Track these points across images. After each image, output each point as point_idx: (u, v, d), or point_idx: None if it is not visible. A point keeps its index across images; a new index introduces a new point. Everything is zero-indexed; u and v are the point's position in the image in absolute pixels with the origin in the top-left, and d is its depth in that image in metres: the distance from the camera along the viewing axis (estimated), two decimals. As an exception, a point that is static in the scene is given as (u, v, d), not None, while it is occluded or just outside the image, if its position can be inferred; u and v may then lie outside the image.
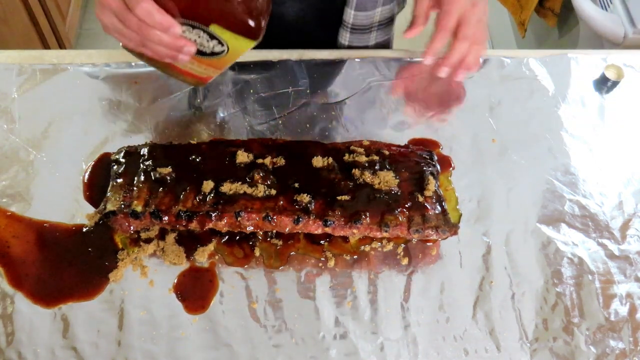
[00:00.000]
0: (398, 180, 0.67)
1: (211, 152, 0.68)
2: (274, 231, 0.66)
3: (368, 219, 0.64)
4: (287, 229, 0.64)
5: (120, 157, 0.68)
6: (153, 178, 0.65)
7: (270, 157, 0.68)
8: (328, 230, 0.64)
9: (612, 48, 1.39)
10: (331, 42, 0.88)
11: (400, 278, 0.65)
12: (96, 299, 0.61)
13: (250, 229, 0.64)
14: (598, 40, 1.46)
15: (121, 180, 0.66)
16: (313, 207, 0.64)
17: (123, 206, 0.63)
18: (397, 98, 0.82)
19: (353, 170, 0.67)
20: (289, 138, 0.75)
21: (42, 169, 0.70)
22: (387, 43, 0.92)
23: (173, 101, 0.78)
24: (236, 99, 0.79)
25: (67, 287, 0.62)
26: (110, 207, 0.63)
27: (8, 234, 0.65)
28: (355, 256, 0.66)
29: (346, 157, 0.69)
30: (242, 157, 0.67)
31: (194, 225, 0.63)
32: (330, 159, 0.68)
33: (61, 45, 1.79)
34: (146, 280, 0.63)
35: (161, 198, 0.64)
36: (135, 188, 0.65)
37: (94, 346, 0.59)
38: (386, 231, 0.64)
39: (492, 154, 0.76)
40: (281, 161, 0.68)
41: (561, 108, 0.82)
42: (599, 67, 0.87)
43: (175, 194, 0.64)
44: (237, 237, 0.66)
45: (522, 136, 0.79)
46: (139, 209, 0.63)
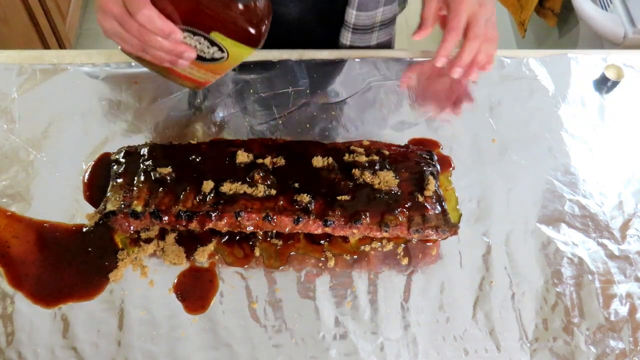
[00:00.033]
0: (398, 180, 0.67)
1: (211, 152, 0.68)
2: (274, 231, 0.66)
3: (368, 219, 0.64)
4: (287, 229, 0.64)
5: (120, 157, 0.68)
6: (153, 178, 0.65)
7: (270, 157, 0.68)
8: (328, 230, 0.64)
9: (612, 48, 1.39)
10: (332, 42, 0.87)
11: (400, 278, 0.65)
12: (96, 299, 0.61)
13: (250, 229, 0.64)
14: (598, 40, 1.46)
15: (121, 180, 0.66)
16: (313, 207, 0.64)
17: (123, 206, 0.63)
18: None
19: (353, 170, 0.67)
20: (289, 138, 0.75)
21: (42, 169, 0.70)
22: (389, 43, 0.92)
23: (173, 101, 0.78)
24: (236, 99, 0.79)
25: (67, 287, 0.62)
26: (110, 207, 0.63)
27: (8, 234, 0.65)
28: (355, 256, 0.66)
29: (346, 157, 0.69)
30: (242, 157, 0.67)
31: (194, 225, 0.63)
32: (330, 159, 0.68)
33: (61, 45, 1.79)
34: (146, 280, 0.63)
35: (161, 198, 0.64)
36: (135, 188, 0.65)
37: (94, 346, 0.59)
38: (386, 231, 0.64)
39: (492, 154, 0.76)
40: (281, 161, 0.68)
41: (561, 108, 0.82)
42: (599, 67, 0.87)
43: (175, 194, 0.64)
44: (237, 237, 0.66)
45: (522, 136, 0.79)
46: (139, 209, 0.63)
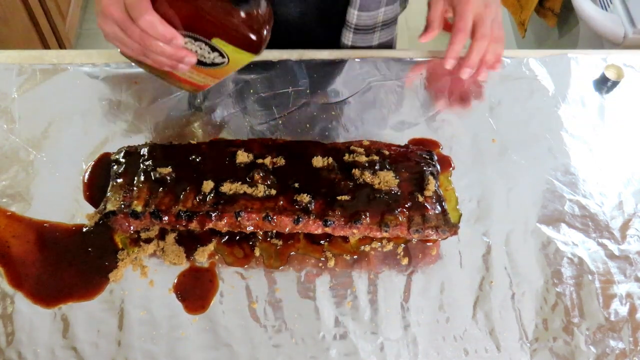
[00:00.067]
0: (398, 180, 0.67)
1: (211, 152, 0.68)
2: (274, 231, 0.66)
3: (368, 219, 0.64)
4: (287, 229, 0.64)
5: (120, 157, 0.68)
6: (153, 178, 0.65)
7: (270, 157, 0.68)
8: (328, 230, 0.64)
9: (612, 48, 1.39)
10: (332, 42, 0.87)
11: (400, 278, 0.65)
12: (96, 299, 0.61)
13: (250, 229, 0.64)
14: (598, 40, 1.46)
15: (121, 180, 0.66)
16: (313, 207, 0.64)
17: (123, 206, 0.63)
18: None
19: (353, 170, 0.67)
20: (289, 138, 0.75)
21: (42, 169, 0.70)
22: (391, 43, 0.92)
23: (173, 101, 0.78)
24: (236, 99, 0.79)
25: (67, 287, 0.62)
26: (110, 207, 0.63)
27: (8, 234, 0.65)
28: (355, 256, 0.66)
29: (346, 157, 0.69)
30: (242, 157, 0.67)
31: (194, 225, 0.63)
32: (330, 159, 0.68)
33: (61, 45, 1.79)
34: (146, 280, 0.63)
35: (161, 198, 0.64)
36: (135, 188, 0.65)
37: (94, 346, 0.59)
38: (386, 231, 0.64)
39: (492, 154, 0.76)
40: (281, 161, 0.68)
41: (561, 108, 0.82)
42: (599, 67, 0.87)
43: (175, 194, 0.64)
44: (237, 237, 0.66)
45: (522, 136, 0.79)
46: (139, 209, 0.63)
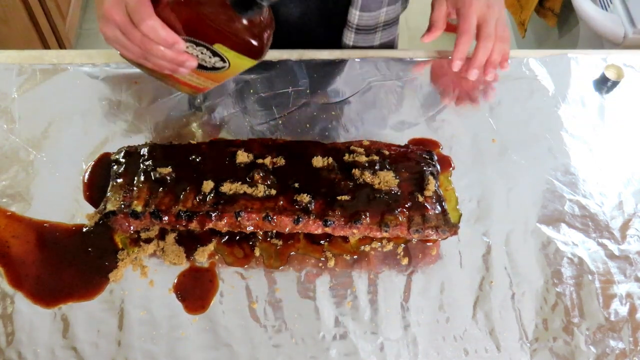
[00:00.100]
0: (398, 180, 0.67)
1: (211, 152, 0.68)
2: (274, 231, 0.66)
3: (368, 219, 0.64)
4: (287, 229, 0.64)
5: (120, 157, 0.68)
6: (153, 178, 0.65)
7: (270, 157, 0.68)
8: (328, 230, 0.64)
9: (612, 48, 1.39)
10: (332, 42, 0.87)
11: (400, 278, 0.65)
12: (96, 299, 0.61)
13: (250, 229, 0.64)
14: (598, 40, 1.46)
15: (121, 180, 0.66)
16: (313, 207, 0.64)
17: (123, 206, 0.63)
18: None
19: (353, 170, 0.67)
20: (289, 138, 0.75)
21: (42, 169, 0.70)
22: (392, 43, 0.91)
23: (173, 101, 0.78)
24: (236, 99, 0.79)
25: (67, 287, 0.62)
26: (110, 207, 0.63)
27: (8, 234, 0.65)
28: (355, 256, 0.66)
29: (346, 157, 0.69)
30: (242, 157, 0.67)
31: (194, 225, 0.63)
32: (330, 159, 0.68)
33: (61, 45, 1.79)
34: (146, 280, 0.63)
35: (161, 198, 0.64)
36: (135, 188, 0.65)
37: (94, 346, 0.59)
38: (386, 231, 0.64)
39: (492, 154, 0.76)
40: (281, 161, 0.68)
41: (561, 108, 0.82)
42: (599, 67, 0.87)
43: (175, 194, 0.64)
44: (237, 237, 0.66)
45: (522, 136, 0.79)
46: (139, 209, 0.63)
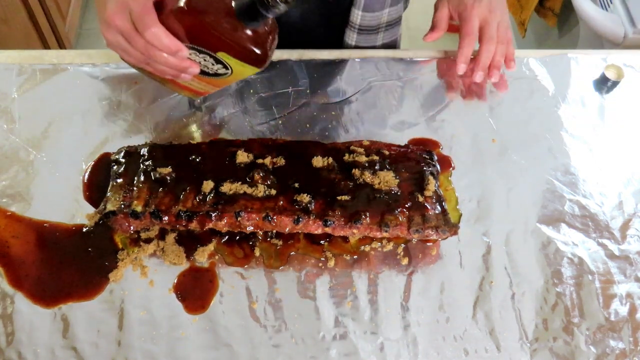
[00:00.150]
0: (398, 180, 0.67)
1: (211, 152, 0.68)
2: (274, 231, 0.66)
3: (368, 219, 0.64)
4: (287, 229, 0.64)
5: (120, 157, 0.68)
6: (153, 178, 0.65)
7: (270, 157, 0.68)
8: (328, 230, 0.64)
9: (612, 48, 1.39)
10: (333, 42, 0.87)
11: (400, 278, 0.65)
12: (96, 299, 0.61)
13: (250, 229, 0.64)
14: (598, 40, 1.46)
15: (121, 180, 0.66)
16: (313, 207, 0.64)
17: (123, 206, 0.63)
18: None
19: (353, 170, 0.67)
20: (289, 138, 0.75)
21: (42, 169, 0.70)
22: (394, 44, 0.92)
23: (173, 101, 0.78)
24: (236, 99, 0.79)
25: (67, 287, 0.62)
26: (110, 207, 0.63)
27: (8, 234, 0.65)
28: (355, 256, 0.66)
29: (346, 157, 0.69)
30: (242, 157, 0.67)
31: (194, 225, 0.63)
32: (330, 159, 0.68)
33: (61, 45, 1.79)
34: (146, 280, 0.63)
35: (161, 198, 0.64)
36: (135, 188, 0.65)
37: (94, 346, 0.59)
38: (386, 231, 0.64)
39: (492, 154, 0.76)
40: (281, 161, 0.68)
41: (561, 108, 0.82)
42: (599, 67, 0.87)
43: (175, 194, 0.64)
44: (237, 237, 0.66)
45: (522, 136, 0.79)
46: (139, 209, 0.63)
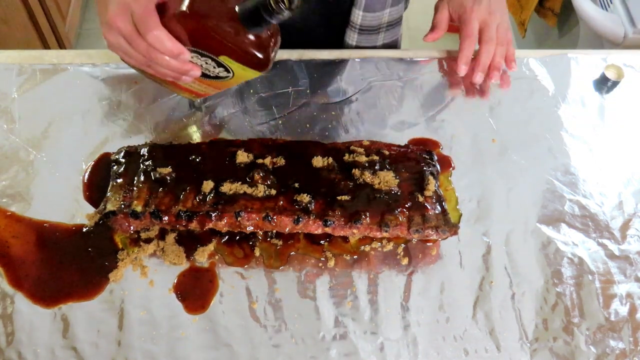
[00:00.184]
0: (398, 180, 0.67)
1: (211, 152, 0.68)
2: (274, 231, 0.66)
3: (368, 219, 0.64)
4: (287, 229, 0.64)
5: (120, 157, 0.68)
6: (153, 178, 0.65)
7: (270, 157, 0.68)
8: (328, 230, 0.64)
9: (612, 48, 1.39)
10: (333, 42, 0.87)
11: (400, 278, 0.65)
12: (96, 299, 0.61)
13: (250, 229, 0.64)
14: (598, 40, 1.46)
15: (121, 180, 0.66)
16: (313, 207, 0.64)
17: (123, 206, 0.63)
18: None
19: (353, 170, 0.67)
20: (289, 138, 0.75)
21: (42, 169, 0.70)
22: (395, 44, 0.92)
23: (173, 101, 0.78)
24: (236, 99, 0.79)
25: (67, 287, 0.62)
26: (110, 207, 0.63)
27: (8, 234, 0.65)
28: (355, 256, 0.66)
29: (346, 157, 0.69)
30: (242, 157, 0.67)
31: (194, 225, 0.63)
32: (330, 159, 0.68)
33: (61, 45, 1.79)
34: (146, 280, 0.63)
35: (161, 198, 0.64)
36: (135, 188, 0.65)
37: (94, 346, 0.59)
38: (386, 231, 0.64)
39: (492, 154, 0.76)
40: (281, 161, 0.68)
41: (561, 108, 0.82)
42: (599, 67, 0.87)
43: (175, 194, 0.64)
44: (237, 237, 0.66)
45: (522, 136, 0.79)
46: (139, 209, 0.63)
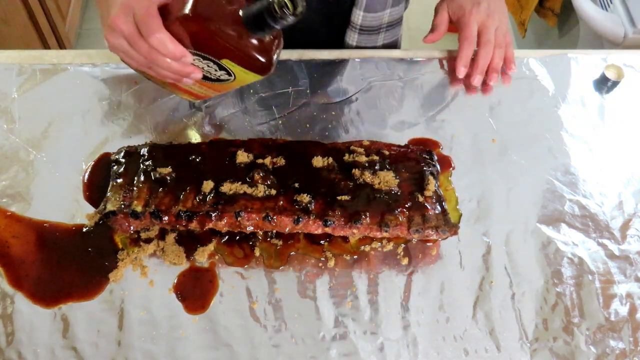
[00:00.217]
0: (398, 180, 0.67)
1: (211, 152, 0.68)
2: (274, 231, 0.66)
3: (368, 219, 0.64)
4: (287, 229, 0.64)
5: (120, 157, 0.68)
6: (153, 178, 0.65)
7: (270, 157, 0.68)
8: (328, 230, 0.64)
9: (612, 48, 1.39)
10: (333, 42, 0.87)
11: (400, 278, 0.65)
12: (96, 299, 0.61)
13: (250, 229, 0.64)
14: (598, 40, 1.46)
15: (121, 180, 0.66)
16: (313, 207, 0.64)
17: (123, 206, 0.63)
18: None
19: (353, 170, 0.67)
20: (289, 138, 0.75)
21: (42, 169, 0.70)
22: (395, 44, 0.92)
23: (173, 101, 0.78)
24: (236, 99, 0.79)
25: (67, 287, 0.62)
26: (110, 207, 0.63)
27: (8, 234, 0.65)
28: (355, 256, 0.66)
29: (346, 157, 0.69)
30: (242, 157, 0.67)
31: (194, 225, 0.63)
32: (330, 159, 0.68)
33: (61, 45, 1.78)
34: (146, 280, 0.63)
35: (161, 198, 0.64)
36: (135, 188, 0.65)
37: (94, 346, 0.59)
38: (386, 231, 0.64)
39: (492, 154, 0.76)
40: (281, 161, 0.68)
41: (561, 108, 0.82)
42: (599, 67, 0.87)
43: (175, 194, 0.64)
44: (237, 237, 0.66)
45: (522, 136, 0.79)
46: (139, 209, 0.63)
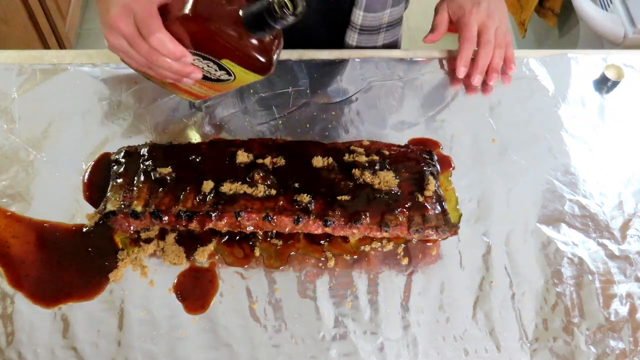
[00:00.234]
0: (398, 180, 0.67)
1: (211, 152, 0.68)
2: (274, 231, 0.66)
3: (368, 219, 0.64)
4: (287, 229, 0.64)
5: (120, 157, 0.68)
6: (153, 178, 0.65)
7: (270, 157, 0.68)
8: (328, 230, 0.64)
9: (612, 48, 1.39)
10: (333, 42, 0.87)
11: (400, 278, 0.65)
12: (96, 299, 0.61)
13: (250, 229, 0.64)
14: (598, 40, 1.46)
15: (121, 180, 0.66)
16: (313, 207, 0.64)
17: (123, 206, 0.63)
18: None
19: (353, 170, 0.67)
20: (289, 138, 0.75)
21: (42, 169, 0.70)
22: (395, 44, 0.92)
23: (173, 101, 0.78)
24: (236, 99, 0.79)
25: (67, 287, 0.62)
26: (110, 207, 0.63)
27: (8, 234, 0.65)
28: (355, 256, 0.66)
29: (346, 157, 0.69)
30: (242, 157, 0.67)
31: (194, 225, 0.63)
32: (330, 159, 0.68)
33: (61, 45, 1.79)
34: (146, 280, 0.63)
35: (161, 198, 0.64)
36: (135, 188, 0.65)
37: (94, 346, 0.59)
38: (386, 231, 0.64)
39: (492, 154, 0.76)
40: (281, 161, 0.68)
41: (561, 108, 0.82)
42: (599, 67, 0.87)
43: (175, 194, 0.64)
44: (237, 237, 0.66)
45: (522, 136, 0.79)
46: (139, 209, 0.63)
